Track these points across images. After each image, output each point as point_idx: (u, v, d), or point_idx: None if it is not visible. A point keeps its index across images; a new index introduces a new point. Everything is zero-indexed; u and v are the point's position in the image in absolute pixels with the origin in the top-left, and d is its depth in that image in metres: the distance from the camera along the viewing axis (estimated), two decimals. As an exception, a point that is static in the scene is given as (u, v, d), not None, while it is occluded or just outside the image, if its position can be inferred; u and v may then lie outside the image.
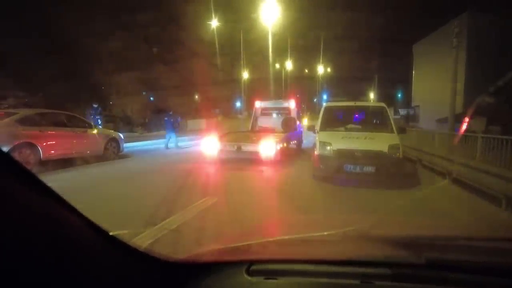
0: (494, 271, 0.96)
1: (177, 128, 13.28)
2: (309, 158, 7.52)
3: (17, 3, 20.20)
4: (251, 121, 12.48)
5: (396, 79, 42.44)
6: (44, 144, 7.46)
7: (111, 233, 0.83)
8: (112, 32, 26.61)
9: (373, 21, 33.52)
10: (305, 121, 25.19)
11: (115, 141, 9.63)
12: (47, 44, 21.73)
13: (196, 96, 43.15)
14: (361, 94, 37.85)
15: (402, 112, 33.98)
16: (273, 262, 1.08)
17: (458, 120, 14.28)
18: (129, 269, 0.87)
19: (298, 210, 4.71)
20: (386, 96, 37.49)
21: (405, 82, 37.21)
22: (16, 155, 6.69)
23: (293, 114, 11.90)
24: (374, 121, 7.87)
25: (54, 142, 7.79)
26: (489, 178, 5.48)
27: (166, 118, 13.13)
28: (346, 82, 43.90)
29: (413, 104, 32.49)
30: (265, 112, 12.41)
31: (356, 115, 7.84)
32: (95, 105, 12.46)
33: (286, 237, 1.43)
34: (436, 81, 23.26)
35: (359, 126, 7.32)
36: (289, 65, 39.33)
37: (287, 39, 34.70)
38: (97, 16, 25.60)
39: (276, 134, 10.04)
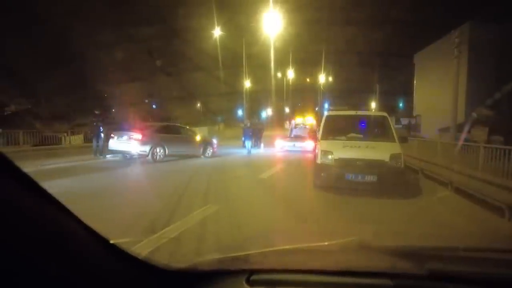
0: (496, 283, 0.95)
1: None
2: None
3: (25, 15, 20.50)
4: (289, 130, 19.31)
5: (397, 88, 42.54)
6: (168, 145, 11.36)
7: (111, 241, 0.82)
8: (117, 44, 26.88)
9: (374, 33, 33.75)
10: None
11: (211, 144, 13.57)
12: (54, 55, 22.00)
13: (198, 105, 43.32)
14: (363, 104, 37.90)
15: (404, 121, 33.93)
16: (273, 272, 1.07)
17: (460, 130, 14.26)
18: (128, 278, 0.87)
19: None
20: (388, 106, 37.51)
21: (407, 92, 37.31)
22: (153, 151, 10.81)
23: (314, 126, 17.65)
24: (376, 130, 7.86)
25: (173, 144, 11.63)
26: (491, 188, 5.44)
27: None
28: (348, 92, 43.99)
29: (414, 113, 32.49)
30: (297, 125, 19.15)
31: (358, 124, 7.83)
32: (96, 112, 12.51)
33: (287, 246, 1.42)
34: (437, 91, 23.32)
35: (361, 135, 7.30)
36: (290, 74, 39.55)
37: (289, 52, 35.01)
38: (102, 29, 25.91)
39: (307, 138, 16.50)
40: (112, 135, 11.48)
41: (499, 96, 14.71)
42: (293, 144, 16.52)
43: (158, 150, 10.96)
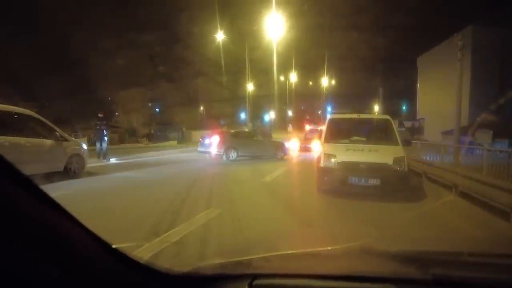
0: None
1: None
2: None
3: (30, 22, 20.75)
4: (304, 134, 23.04)
5: (401, 91, 42.51)
6: (240, 148, 13.46)
7: (113, 246, 0.82)
8: (121, 50, 27.11)
9: (378, 37, 33.80)
10: None
11: (282, 147, 15.00)
12: (58, 61, 22.22)
13: (202, 108, 43.43)
14: (366, 107, 37.86)
15: (407, 124, 33.87)
16: (276, 277, 1.06)
17: (464, 133, 14.20)
18: (130, 282, 0.87)
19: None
20: (391, 109, 37.48)
21: (410, 95, 37.26)
22: (225, 153, 13.00)
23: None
24: (379, 133, 7.82)
25: (245, 147, 13.69)
26: (496, 192, 5.40)
27: None
28: (351, 96, 43.99)
29: (418, 116, 32.42)
30: (311, 130, 22.99)
31: (361, 128, 7.81)
32: (100, 115, 12.51)
33: (290, 251, 1.41)
34: (441, 94, 23.26)
35: (364, 139, 7.27)
36: (293, 78, 39.62)
37: (292, 56, 35.17)
38: (105, 35, 26.16)
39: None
40: (200, 139, 14.86)
41: (503, 100, 14.68)
42: (304, 144, 20.02)
43: (231, 151, 13.22)
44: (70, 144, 8.45)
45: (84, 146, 9.39)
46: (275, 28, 22.50)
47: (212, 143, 13.34)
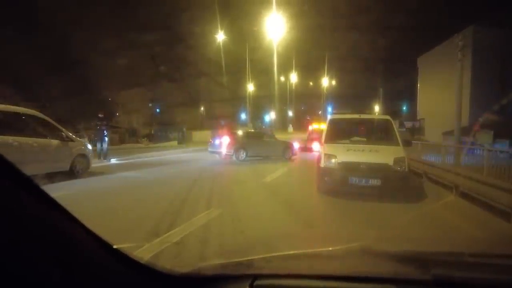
0: None
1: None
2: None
3: (30, 22, 20.76)
4: (307, 135, 22.62)
5: (401, 92, 42.50)
6: (250, 148, 13.66)
7: (114, 246, 0.82)
8: (121, 50, 27.09)
9: (378, 37, 33.80)
10: None
11: (290, 148, 14.94)
12: (58, 61, 22.23)
13: (202, 108, 43.40)
14: (366, 107, 37.82)
15: (408, 124, 33.83)
16: (277, 277, 1.06)
17: (464, 133, 14.19)
18: (131, 282, 0.87)
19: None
20: (391, 109, 37.44)
21: (411, 95, 37.25)
22: (235, 154, 13.14)
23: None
24: (379, 133, 7.82)
25: (254, 147, 13.87)
26: (497, 192, 5.39)
27: None
28: (352, 96, 43.96)
29: (418, 117, 32.39)
30: (314, 130, 22.31)
31: (361, 128, 7.81)
32: (100, 115, 12.53)
33: (290, 251, 1.41)
34: (441, 94, 23.23)
35: (364, 139, 7.27)
36: (294, 78, 39.61)
37: (293, 57, 35.20)
38: (105, 35, 26.17)
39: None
40: (210, 140, 14.99)
41: (504, 101, 14.67)
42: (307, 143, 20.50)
43: (240, 152, 13.43)
44: (75, 145, 8.63)
45: (89, 147, 9.56)
46: (275, 28, 22.49)
47: (222, 143, 13.50)
